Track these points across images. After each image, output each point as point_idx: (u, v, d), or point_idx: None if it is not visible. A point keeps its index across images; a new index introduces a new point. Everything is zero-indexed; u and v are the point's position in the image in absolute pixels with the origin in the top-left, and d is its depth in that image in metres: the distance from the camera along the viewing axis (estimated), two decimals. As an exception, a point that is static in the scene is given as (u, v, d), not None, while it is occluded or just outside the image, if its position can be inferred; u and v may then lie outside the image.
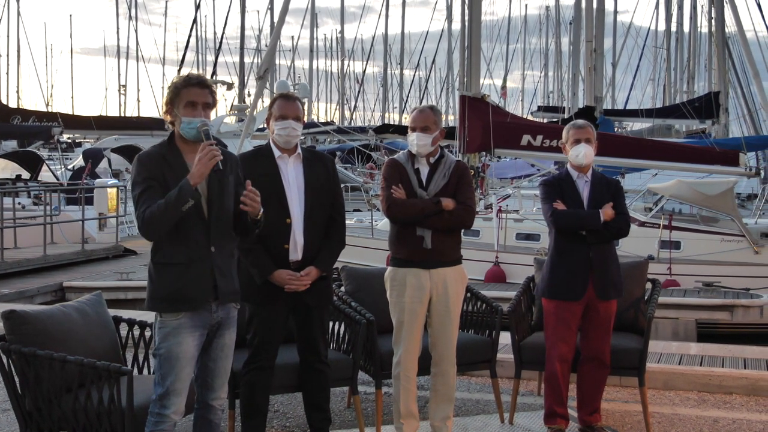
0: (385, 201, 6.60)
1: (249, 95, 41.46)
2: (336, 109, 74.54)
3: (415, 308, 6.62)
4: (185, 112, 5.26)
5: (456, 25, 48.71)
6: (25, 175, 29.15)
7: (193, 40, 53.72)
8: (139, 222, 5.15)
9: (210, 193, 5.30)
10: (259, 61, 40.93)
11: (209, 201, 5.30)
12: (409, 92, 69.75)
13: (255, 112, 24.08)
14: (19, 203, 22.83)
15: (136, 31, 74.38)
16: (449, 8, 59.21)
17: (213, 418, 5.58)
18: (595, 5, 24.86)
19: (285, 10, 21.91)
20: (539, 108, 56.10)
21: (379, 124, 54.05)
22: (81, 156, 35.78)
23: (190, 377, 5.37)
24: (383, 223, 19.75)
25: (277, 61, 59.01)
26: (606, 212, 6.97)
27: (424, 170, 6.69)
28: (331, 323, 7.05)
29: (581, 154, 7.11)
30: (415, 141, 6.66)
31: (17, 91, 71.49)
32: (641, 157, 19.36)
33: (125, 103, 69.61)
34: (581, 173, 7.18)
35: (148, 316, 5.53)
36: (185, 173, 5.18)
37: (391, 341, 6.81)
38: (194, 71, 5.53)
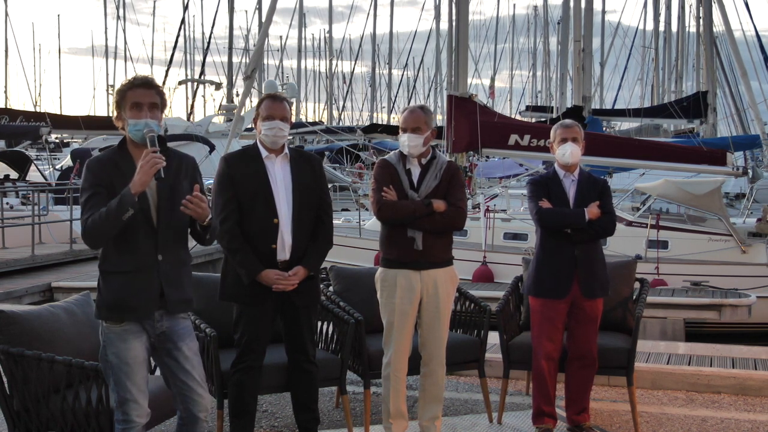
0: (376, 203, 6.59)
1: (237, 95, 41.32)
2: (324, 109, 74.61)
3: (405, 309, 6.62)
4: (131, 114, 5.19)
5: (444, 25, 48.74)
6: (13, 175, 29.09)
7: (181, 40, 53.51)
8: (82, 230, 5.07)
9: (159, 200, 5.20)
10: (248, 60, 40.88)
11: (158, 208, 5.20)
12: (397, 92, 69.67)
13: (243, 112, 24.04)
14: (7, 203, 22.75)
15: (124, 30, 74.10)
16: (437, 8, 59.48)
17: (198, 430, 5.51)
18: (583, 5, 24.99)
19: (272, 9, 21.88)
20: (527, 108, 56.25)
21: (367, 124, 54.14)
22: (69, 156, 35.73)
23: (146, 379, 5.30)
24: (371, 223, 19.76)
25: (265, 61, 59.14)
26: (591, 211, 6.99)
27: (416, 171, 6.68)
28: (319, 323, 7.04)
29: (567, 152, 7.13)
30: (406, 142, 6.63)
31: (5, 91, 71.61)
32: (629, 157, 19.38)
33: (113, 103, 69.50)
34: (568, 172, 7.20)
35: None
36: None
37: (379, 341, 6.82)
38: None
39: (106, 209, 4.98)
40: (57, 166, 34.22)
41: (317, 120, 66.88)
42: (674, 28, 49.77)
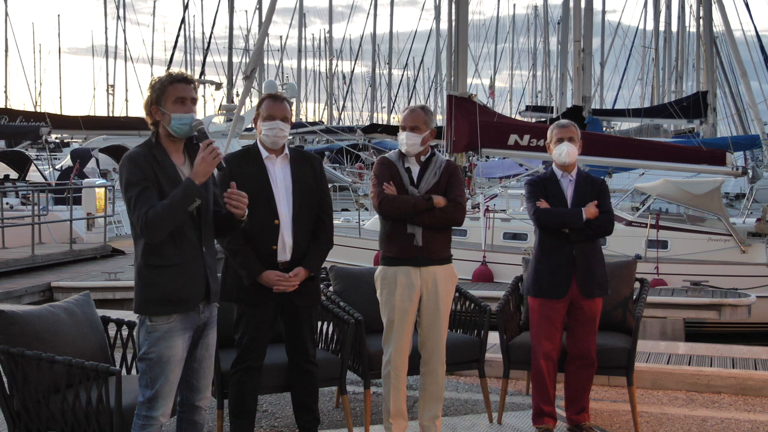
0: (377, 197, 6.61)
1: (237, 95, 41.31)
2: (324, 109, 74.56)
3: (405, 307, 6.62)
4: (174, 108, 5.20)
5: (444, 25, 48.77)
6: (13, 175, 29.11)
7: (181, 39, 53.58)
8: (142, 223, 5.04)
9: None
10: (248, 60, 40.88)
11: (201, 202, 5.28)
12: (397, 92, 69.62)
13: (243, 112, 24.03)
14: (6, 203, 22.75)
15: (124, 30, 73.95)
16: (437, 8, 59.46)
17: (198, 419, 5.55)
18: (583, 5, 24.97)
19: (272, 9, 21.89)
20: (527, 108, 56.30)
21: (367, 123, 54.14)
22: (69, 156, 35.78)
23: (178, 379, 5.35)
24: (371, 223, 19.77)
25: (265, 61, 59.02)
26: (589, 210, 7.00)
27: (415, 169, 6.71)
28: (319, 323, 7.04)
29: (564, 152, 7.14)
30: (404, 140, 6.67)
31: (5, 91, 71.63)
32: (629, 157, 19.38)
33: (113, 103, 69.65)
34: (565, 172, 7.21)
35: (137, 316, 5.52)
36: (174, 173, 5.18)
37: (380, 341, 6.82)
38: (182, 71, 5.48)
39: (169, 201, 5.04)
40: (57, 166, 34.26)
41: (317, 120, 66.89)
42: (674, 28, 49.86)
